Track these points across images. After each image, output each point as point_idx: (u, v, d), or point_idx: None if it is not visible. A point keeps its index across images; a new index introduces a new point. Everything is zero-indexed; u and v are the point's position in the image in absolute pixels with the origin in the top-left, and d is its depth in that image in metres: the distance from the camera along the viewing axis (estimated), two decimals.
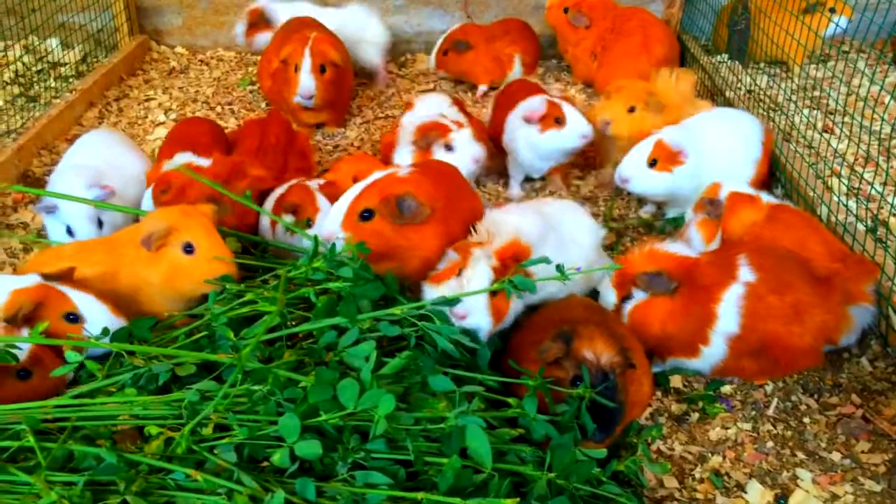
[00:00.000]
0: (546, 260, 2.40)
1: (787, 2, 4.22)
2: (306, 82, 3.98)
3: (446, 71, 4.91)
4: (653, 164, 3.30)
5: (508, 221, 2.55)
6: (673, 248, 2.72)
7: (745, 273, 2.57)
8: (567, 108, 3.56)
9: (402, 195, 2.53)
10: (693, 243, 3.11)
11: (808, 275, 2.59)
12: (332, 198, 2.96)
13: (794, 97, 4.22)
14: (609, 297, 2.73)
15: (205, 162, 3.04)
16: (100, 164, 3.07)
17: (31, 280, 2.37)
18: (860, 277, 2.66)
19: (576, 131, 3.55)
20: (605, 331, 2.21)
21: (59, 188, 2.87)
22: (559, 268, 2.35)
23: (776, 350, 2.57)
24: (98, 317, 2.35)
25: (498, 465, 1.92)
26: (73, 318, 2.34)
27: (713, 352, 2.61)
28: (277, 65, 4.19)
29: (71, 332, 2.31)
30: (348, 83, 4.37)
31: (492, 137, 3.82)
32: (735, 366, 2.64)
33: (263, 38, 4.73)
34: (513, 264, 2.38)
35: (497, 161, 3.89)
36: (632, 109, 3.66)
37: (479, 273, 2.34)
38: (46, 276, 2.38)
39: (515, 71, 4.82)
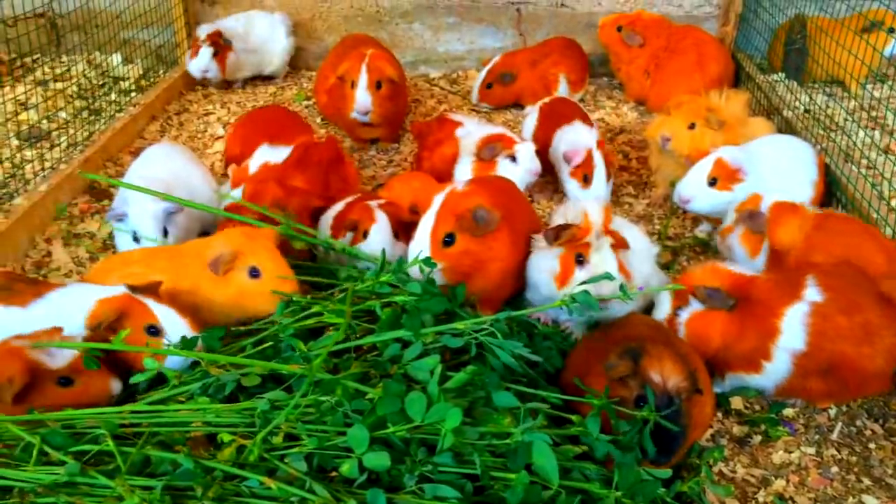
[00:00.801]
0: (609, 276, 2.40)
1: (846, 20, 4.18)
2: (363, 98, 4.04)
3: (491, 104, 4.92)
4: (713, 182, 3.29)
5: (581, 205, 2.71)
6: (734, 267, 2.72)
7: (813, 293, 2.54)
8: (598, 174, 3.60)
9: (474, 208, 2.56)
10: (737, 258, 3.09)
11: (877, 295, 2.55)
12: (390, 214, 3.01)
13: (854, 116, 4.16)
14: (664, 307, 2.73)
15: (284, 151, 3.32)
16: (166, 176, 3.14)
17: (117, 290, 2.42)
18: None
19: (594, 195, 3.57)
20: (673, 352, 2.19)
21: (130, 200, 2.95)
22: (622, 287, 2.36)
23: (845, 371, 2.53)
24: (178, 330, 2.39)
25: (564, 482, 1.91)
26: (154, 330, 2.38)
27: (776, 368, 2.57)
28: (334, 81, 4.26)
29: (152, 344, 2.36)
30: (403, 99, 4.43)
31: (537, 151, 3.85)
32: (801, 385, 2.59)
33: (234, 57, 4.91)
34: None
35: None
36: (692, 126, 3.65)
37: (607, 254, 2.54)
38: (133, 288, 2.44)
39: (561, 90, 4.83)
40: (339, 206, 3.18)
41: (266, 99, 4.95)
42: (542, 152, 3.78)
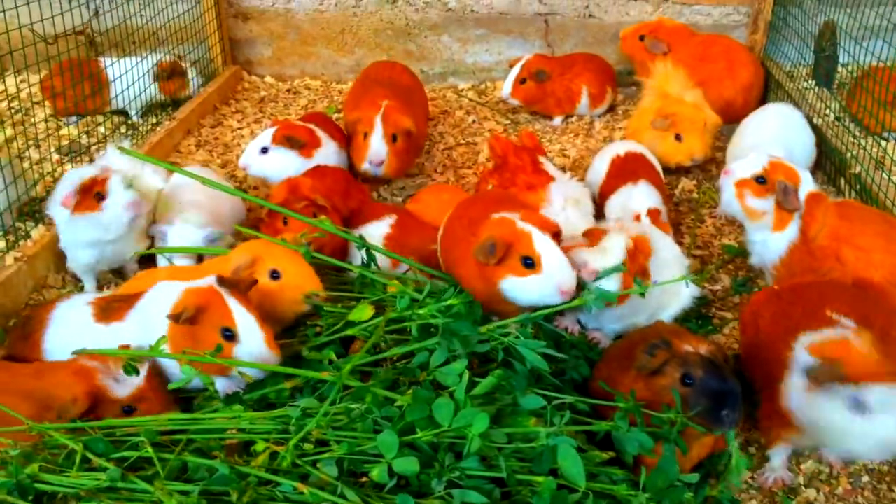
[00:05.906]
0: (622, 268, 2.47)
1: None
2: (377, 147, 3.84)
3: (521, 100, 4.86)
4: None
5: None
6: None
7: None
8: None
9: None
10: (763, 222, 3.07)
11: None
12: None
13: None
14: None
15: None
16: (204, 199, 3.23)
17: (206, 282, 2.34)
18: None
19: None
20: (697, 336, 2.28)
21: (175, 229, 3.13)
22: (636, 281, 2.42)
23: None
24: (252, 343, 2.27)
25: (591, 486, 1.94)
26: (230, 335, 2.26)
27: None
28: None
29: (223, 348, 2.23)
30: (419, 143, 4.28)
31: (600, 197, 3.74)
32: None
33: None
34: (638, 256, 2.56)
35: None
36: (678, 137, 4.11)
37: (617, 243, 2.52)
38: (222, 281, 2.34)
39: (583, 103, 4.89)
40: (389, 221, 3.17)
41: (297, 112, 5.02)
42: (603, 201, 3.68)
